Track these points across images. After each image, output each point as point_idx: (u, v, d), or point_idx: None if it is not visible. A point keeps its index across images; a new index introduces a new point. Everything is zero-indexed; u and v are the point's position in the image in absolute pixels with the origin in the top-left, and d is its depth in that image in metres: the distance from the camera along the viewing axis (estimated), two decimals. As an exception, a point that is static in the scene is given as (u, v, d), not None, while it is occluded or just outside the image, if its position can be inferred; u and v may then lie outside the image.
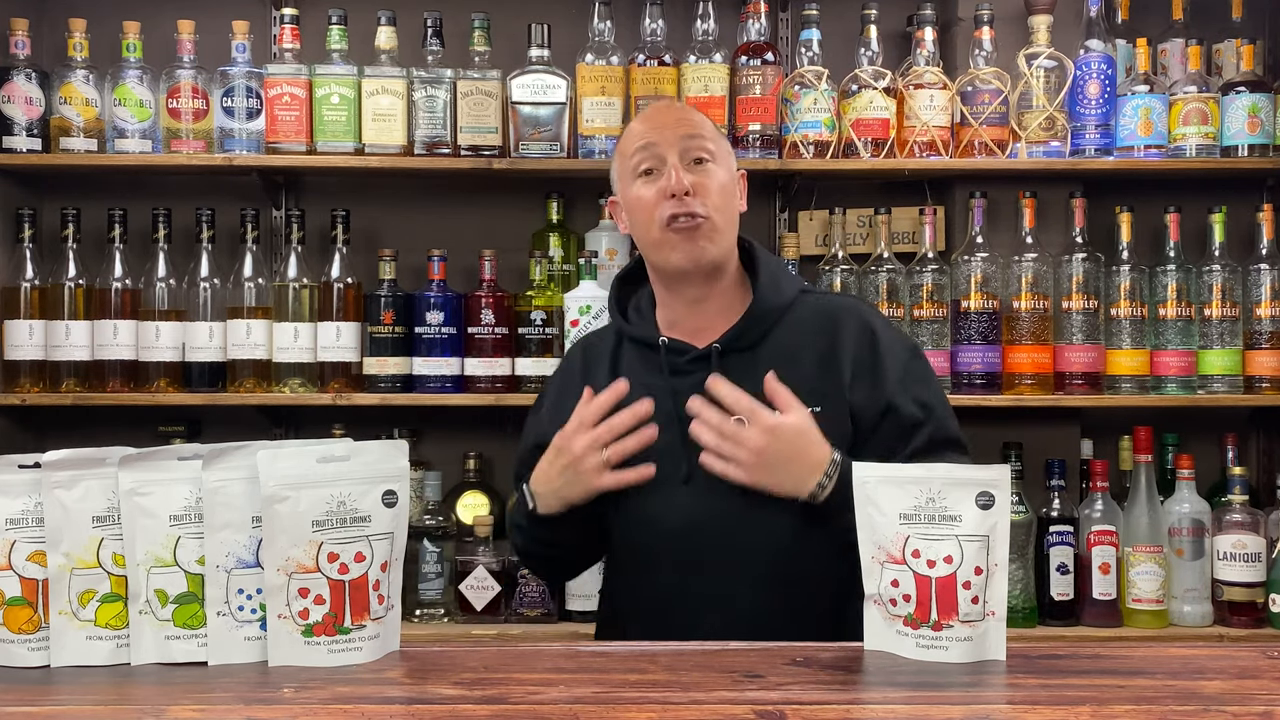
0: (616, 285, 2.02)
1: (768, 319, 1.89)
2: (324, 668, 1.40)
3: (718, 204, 1.85)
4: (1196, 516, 2.85)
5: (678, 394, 1.82)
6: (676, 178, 1.83)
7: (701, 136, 1.88)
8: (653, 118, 1.93)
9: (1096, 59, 2.92)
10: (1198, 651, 1.54)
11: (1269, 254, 2.95)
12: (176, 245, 2.95)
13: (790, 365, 1.84)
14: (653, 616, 1.86)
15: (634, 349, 1.94)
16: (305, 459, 1.42)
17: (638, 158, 1.87)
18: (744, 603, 1.82)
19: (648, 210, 1.85)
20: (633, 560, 1.90)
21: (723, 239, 1.86)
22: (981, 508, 1.43)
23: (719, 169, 1.88)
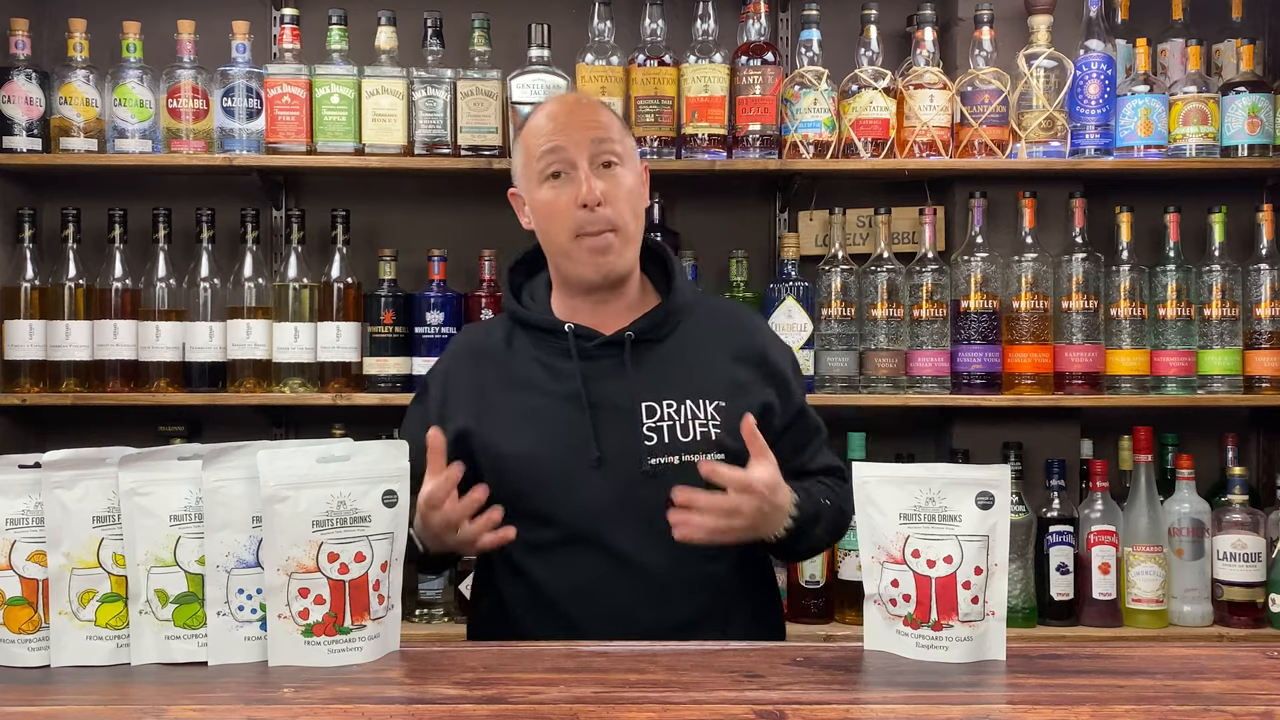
0: (508, 275, 2.02)
1: (680, 313, 1.92)
2: (324, 668, 1.40)
3: (627, 212, 1.85)
4: (1196, 516, 2.85)
5: (586, 378, 1.84)
6: (588, 188, 1.82)
7: (610, 139, 1.86)
8: (560, 117, 1.88)
9: (1096, 59, 2.93)
10: (1198, 651, 1.54)
11: (1269, 254, 2.95)
12: (176, 245, 2.95)
13: (700, 358, 1.89)
14: (558, 603, 1.82)
15: (531, 336, 1.92)
16: (305, 459, 1.42)
17: (545, 160, 1.85)
18: (660, 583, 1.80)
19: (558, 218, 1.85)
20: (539, 549, 1.84)
21: (631, 249, 1.89)
22: (981, 508, 1.43)
23: (627, 172, 1.87)
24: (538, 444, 1.83)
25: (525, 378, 1.89)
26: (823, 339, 2.93)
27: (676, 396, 1.85)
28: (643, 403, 1.84)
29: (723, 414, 1.85)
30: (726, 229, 3.14)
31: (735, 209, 3.18)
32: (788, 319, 2.88)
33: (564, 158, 1.84)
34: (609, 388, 1.85)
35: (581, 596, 1.81)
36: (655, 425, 1.83)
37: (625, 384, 1.85)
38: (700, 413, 1.85)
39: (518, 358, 1.92)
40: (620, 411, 1.84)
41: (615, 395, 1.84)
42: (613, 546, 1.81)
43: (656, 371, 1.86)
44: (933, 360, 2.90)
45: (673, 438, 1.83)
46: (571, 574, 1.82)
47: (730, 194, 3.17)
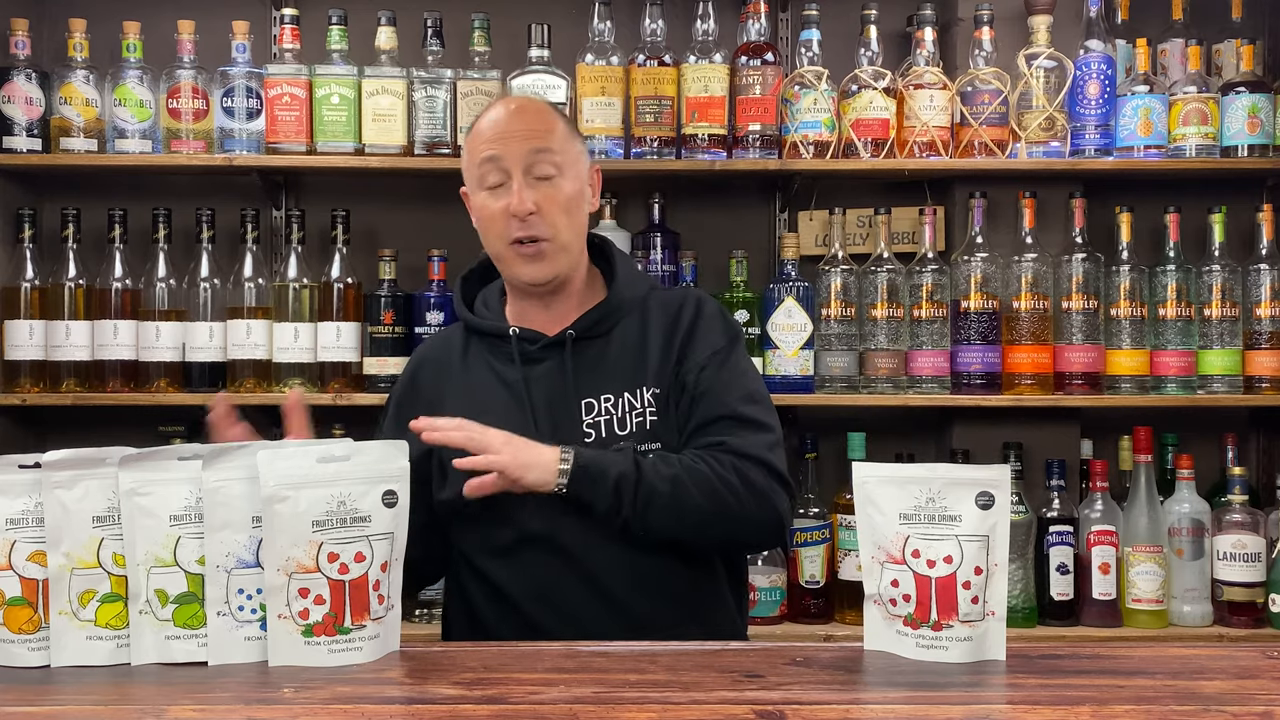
0: (460, 285, 2.05)
1: (620, 311, 1.93)
2: (324, 668, 1.40)
3: (561, 223, 1.86)
4: (1196, 516, 2.85)
5: (529, 381, 1.87)
6: (518, 200, 1.84)
7: (548, 149, 1.86)
8: (500, 124, 1.89)
9: (1096, 59, 2.92)
10: (1198, 651, 1.54)
11: (1269, 254, 2.95)
12: (176, 245, 2.95)
13: (638, 354, 1.89)
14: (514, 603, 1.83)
15: (483, 343, 1.95)
16: (305, 459, 1.42)
17: (483, 168, 1.87)
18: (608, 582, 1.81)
19: (493, 225, 1.88)
20: (497, 553, 1.85)
21: (566, 256, 1.89)
22: (981, 508, 1.43)
23: (565, 181, 1.87)
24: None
25: (477, 384, 1.92)
26: (823, 339, 2.92)
27: (614, 390, 1.86)
28: (582, 400, 1.86)
29: (658, 400, 1.86)
30: (726, 229, 3.14)
31: (735, 209, 3.18)
32: (788, 319, 2.88)
33: (500, 166, 1.86)
34: (550, 387, 1.88)
35: (538, 598, 1.83)
36: (594, 421, 1.85)
37: (565, 383, 1.87)
38: (637, 402, 1.86)
39: (471, 365, 1.95)
40: (561, 410, 1.86)
41: (556, 395, 1.87)
42: (563, 546, 1.82)
43: (596, 367, 1.88)
44: (933, 360, 2.90)
45: (610, 432, 1.84)
46: (527, 575, 1.84)
47: (730, 194, 3.17)
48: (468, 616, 1.92)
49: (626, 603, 1.82)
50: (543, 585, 1.83)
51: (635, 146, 2.89)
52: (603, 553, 1.81)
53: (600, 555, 1.81)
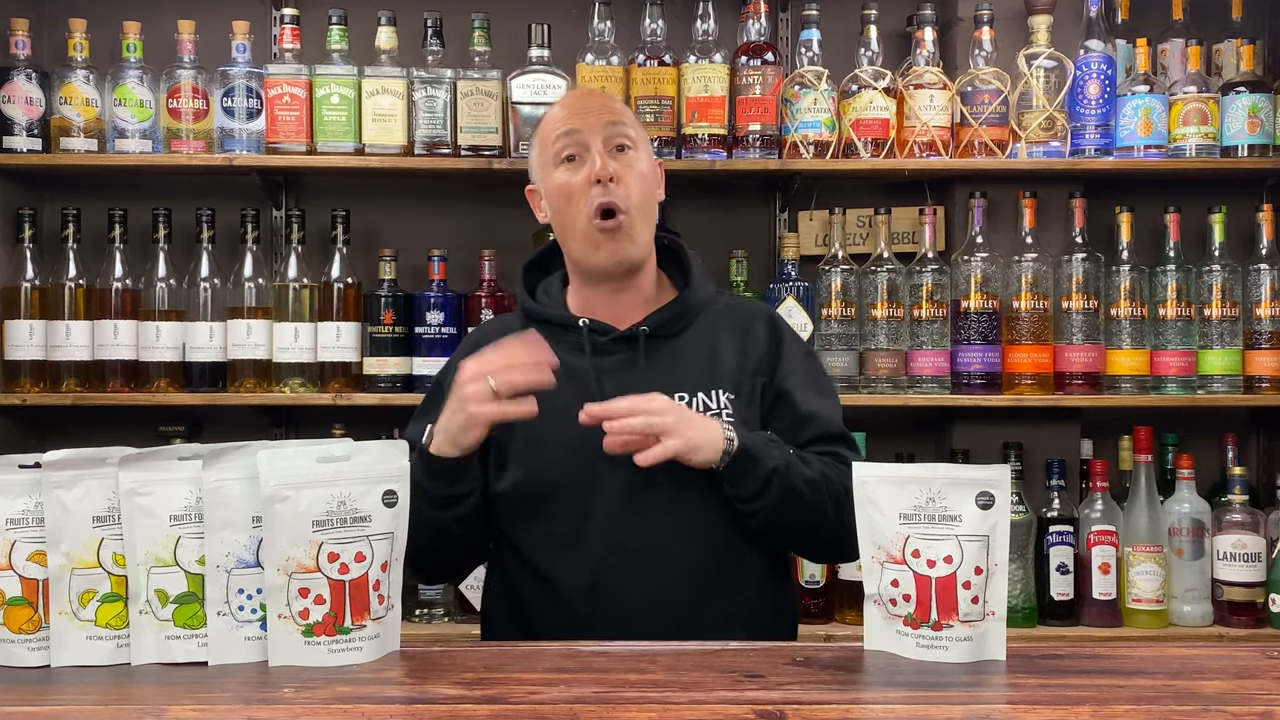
0: (522, 273, 2.02)
1: (693, 311, 1.92)
2: (324, 668, 1.40)
3: (638, 196, 1.85)
4: (1196, 516, 2.85)
5: (601, 373, 1.85)
6: (601, 163, 1.82)
7: (623, 124, 1.88)
8: (575, 104, 1.91)
9: (1096, 59, 2.93)
10: (1198, 651, 1.54)
11: (1269, 254, 2.95)
12: (176, 245, 2.95)
13: (711, 355, 1.89)
14: (567, 598, 1.81)
15: (545, 332, 1.88)
16: (305, 459, 1.42)
17: (560, 144, 1.86)
18: (670, 576, 1.80)
19: (572, 198, 1.85)
20: (553, 545, 1.83)
21: (643, 235, 1.88)
22: (981, 508, 1.43)
23: (640, 156, 1.88)
24: (551, 440, 1.82)
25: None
26: (823, 339, 2.92)
27: (688, 389, 1.85)
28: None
29: (734, 405, 1.85)
30: (726, 229, 3.14)
31: (735, 209, 3.18)
32: (788, 319, 2.87)
33: (578, 140, 1.85)
34: (622, 382, 1.84)
35: (594, 592, 1.81)
36: None
37: (638, 378, 1.84)
38: (713, 403, 1.85)
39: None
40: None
41: (628, 389, 1.82)
42: (624, 540, 1.80)
43: (670, 365, 1.86)
44: (933, 360, 2.90)
45: None
46: (584, 569, 1.81)
47: (730, 194, 3.17)
48: (513, 608, 1.89)
49: (690, 596, 1.80)
50: (599, 579, 1.80)
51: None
52: (668, 547, 1.80)
53: (665, 550, 1.80)
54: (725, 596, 1.84)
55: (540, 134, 1.92)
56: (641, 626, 1.70)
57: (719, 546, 1.82)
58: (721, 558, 1.83)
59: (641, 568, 1.80)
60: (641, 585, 1.80)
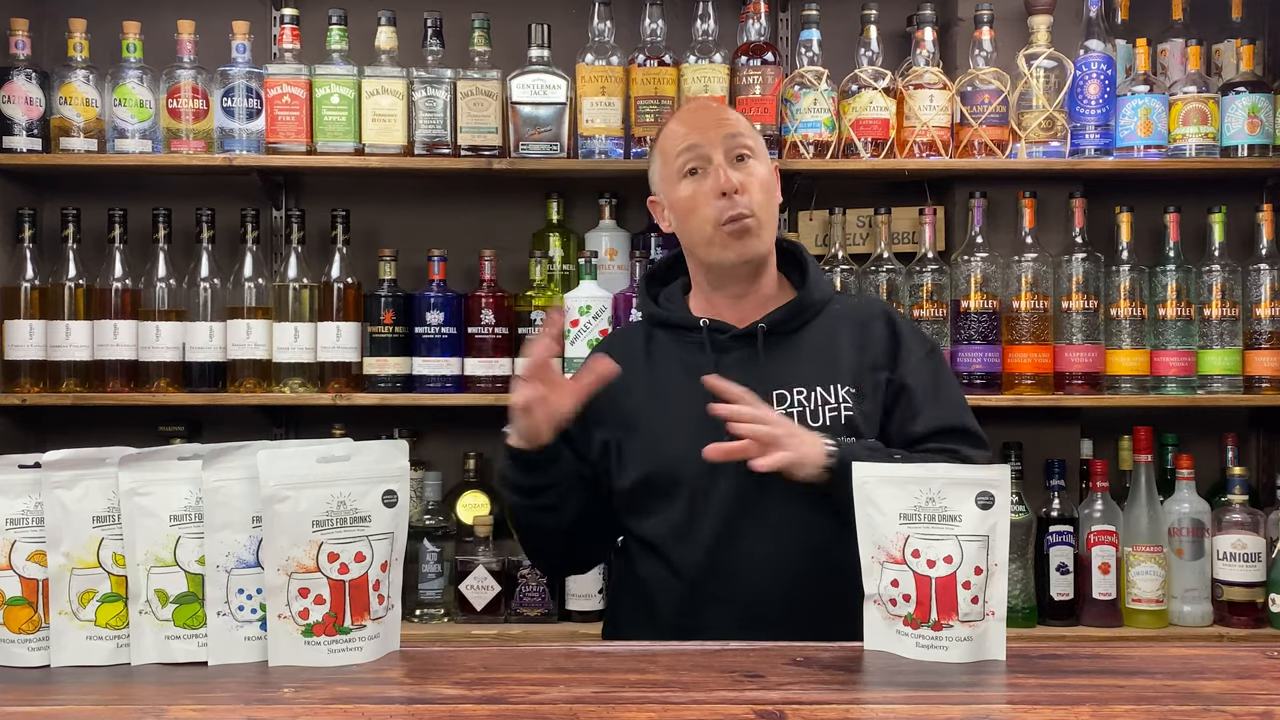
0: (644, 282, 2.09)
1: (812, 309, 1.97)
2: (324, 668, 1.40)
3: (761, 200, 1.92)
4: (1196, 516, 2.85)
5: (721, 369, 1.89)
6: (725, 177, 1.89)
7: (742, 134, 1.94)
8: (693, 118, 1.98)
9: (1096, 59, 2.92)
10: (1198, 651, 1.54)
11: (1269, 254, 2.95)
12: (176, 245, 2.95)
13: (829, 351, 1.93)
14: (697, 597, 1.87)
15: (669, 335, 1.99)
16: (305, 459, 1.42)
17: (683, 159, 1.93)
18: (785, 571, 1.85)
19: (698, 210, 1.92)
20: (675, 545, 1.89)
21: (767, 234, 1.95)
22: (981, 508, 1.43)
23: (760, 165, 1.95)
24: (673, 436, 1.88)
25: (662, 373, 1.95)
26: (823, 339, 2.92)
27: (807, 384, 1.90)
28: (774, 391, 1.89)
29: (854, 398, 1.90)
30: (726, 229, 3.13)
31: (735, 209, 3.18)
32: (788, 319, 2.88)
33: (700, 154, 1.92)
34: (742, 378, 1.88)
35: (705, 582, 1.86)
36: (786, 412, 1.88)
37: (757, 374, 1.89)
38: (831, 397, 1.90)
39: (656, 357, 1.98)
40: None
41: (748, 383, 1.87)
42: (741, 538, 1.86)
43: (789, 361, 1.92)
44: (933, 360, 2.89)
45: (802, 422, 1.87)
46: (700, 561, 1.87)
47: (730, 194, 3.16)
48: (637, 596, 1.96)
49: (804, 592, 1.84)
50: (722, 572, 1.86)
51: (635, 146, 2.89)
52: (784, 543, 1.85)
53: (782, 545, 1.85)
54: (828, 595, 1.84)
55: (661, 149, 1.99)
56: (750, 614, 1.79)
57: (831, 543, 1.83)
58: (834, 554, 1.82)
59: (760, 560, 1.85)
60: (760, 578, 1.85)
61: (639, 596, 1.96)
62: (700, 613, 1.87)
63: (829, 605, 1.81)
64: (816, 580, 1.85)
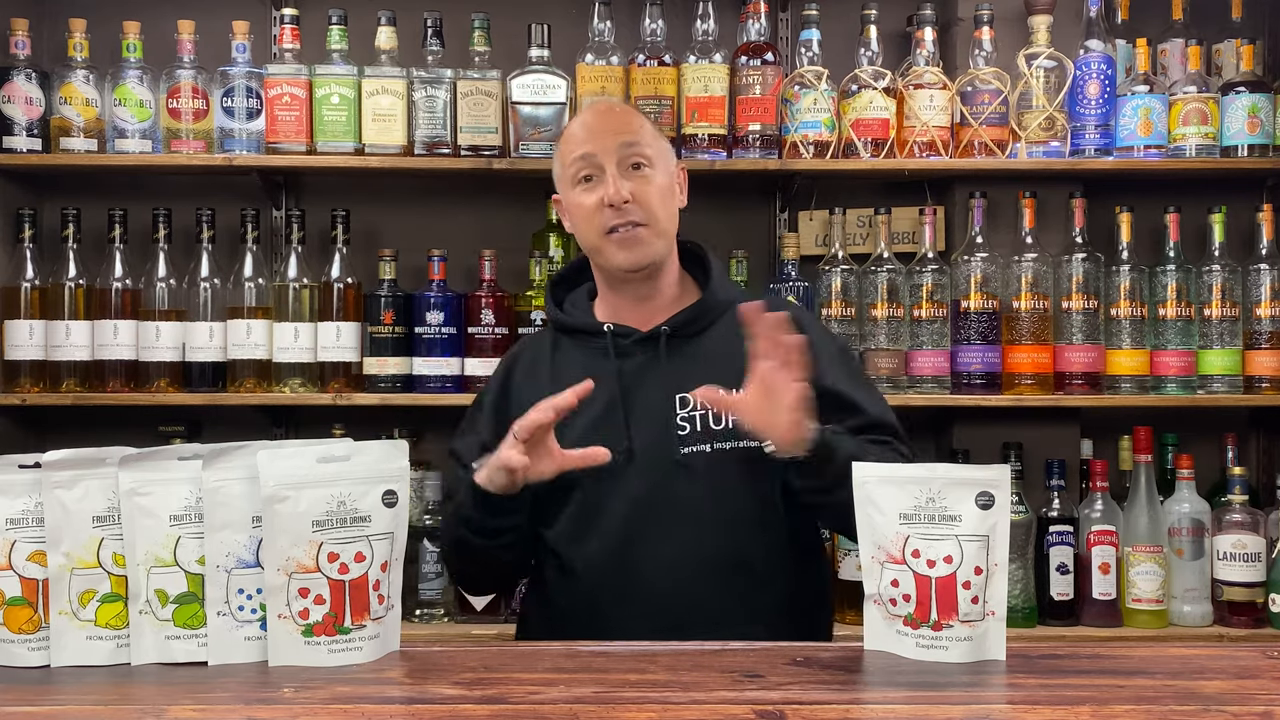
0: (550, 288, 2.09)
1: (715, 311, 1.96)
2: (324, 668, 1.40)
3: (655, 209, 1.91)
4: (1196, 516, 2.85)
5: (622, 374, 1.90)
6: (614, 189, 1.89)
7: (639, 143, 1.93)
8: (591, 124, 1.97)
9: (1096, 59, 2.92)
10: (1198, 651, 1.54)
11: (1269, 254, 2.95)
12: (176, 245, 2.95)
13: (736, 350, 1.89)
14: (592, 596, 1.86)
15: (573, 342, 1.99)
16: (305, 459, 1.42)
17: (576, 166, 1.93)
18: (693, 574, 1.83)
19: (589, 217, 1.92)
20: (581, 544, 1.88)
21: (660, 241, 1.93)
22: (981, 508, 1.43)
23: (656, 173, 1.93)
24: (577, 443, 1.85)
25: (568, 380, 1.91)
26: (823, 339, 2.92)
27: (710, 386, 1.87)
28: (676, 394, 1.88)
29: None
30: (726, 229, 3.14)
31: (735, 209, 3.18)
32: (788, 319, 2.88)
33: (593, 163, 1.92)
34: (644, 382, 1.90)
35: (615, 586, 1.85)
36: (688, 415, 1.88)
37: (659, 377, 1.90)
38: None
39: (562, 363, 1.97)
40: (654, 404, 1.89)
41: (650, 389, 1.89)
42: (645, 537, 1.84)
43: (691, 364, 1.91)
44: (933, 360, 2.90)
45: (705, 426, 1.87)
46: (606, 566, 1.86)
47: (730, 194, 3.17)
48: (544, 611, 1.95)
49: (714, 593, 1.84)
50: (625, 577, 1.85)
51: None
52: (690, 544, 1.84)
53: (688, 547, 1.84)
54: (734, 594, 1.86)
55: (560, 152, 1.99)
56: (668, 623, 1.75)
57: (741, 544, 1.86)
58: (743, 556, 1.86)
59: (664, 563, 1.84)
60: (665, 581, 1.83)
61: (545, 599, 1.95)
62: (605, 614, 1.84)
63: (736, 604, 1.84)
64: (720, 579, 1.84)
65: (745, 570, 1.86)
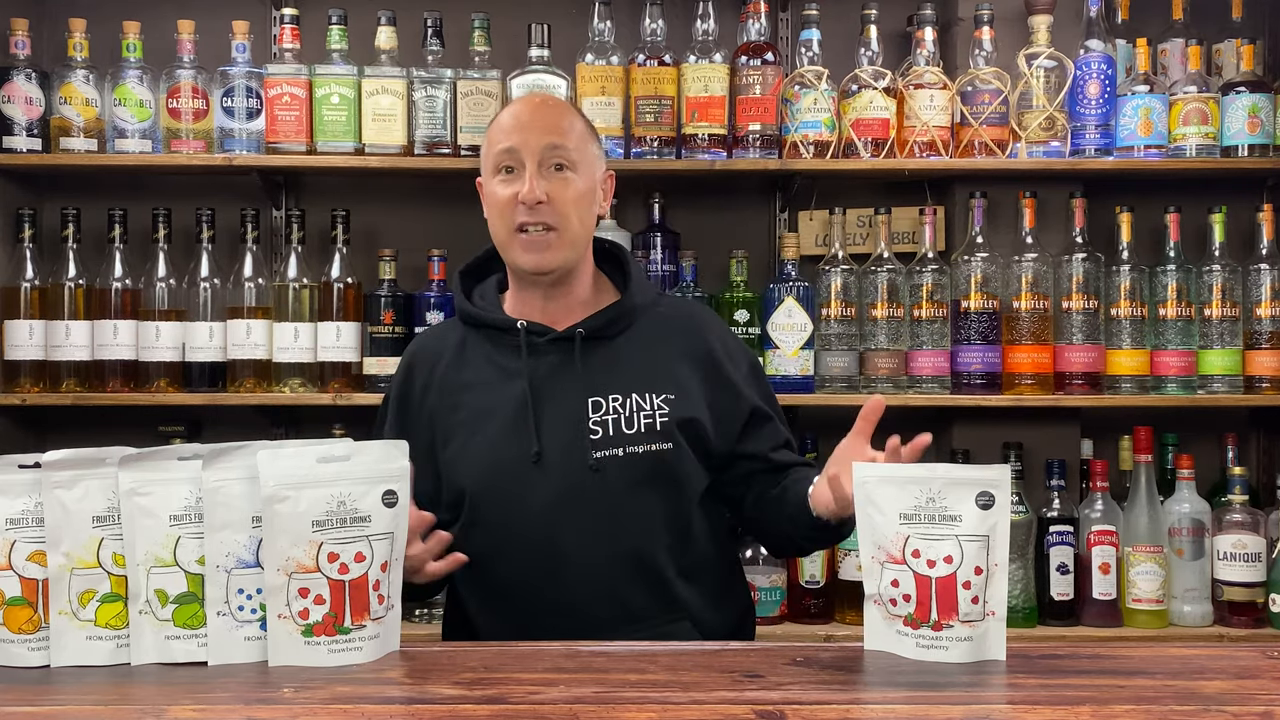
0: (460, 278, 2.06)
1: (632, 315, 1.95)
2: (324, 668, 1.40)
3: (569, 214, 1.88)
4: (1196, 516, 2.85)
5: (534, 374, 1.88)
6: (530, 188, 1.86)
7: (564, 146, 1.89)
8: (521, 117, 1.93)
9: (1096, 59, 2.92)
10: (1198, 651, 1.54)
11: (1269, 254, 2.95)
12: (176, 245, 2.95)
13: (650, 354, 1.92)
14: (509, 601, 1.85)
15: (482, 336, 1.95)
16: (305, 459, 1.42)
17: (499, 157, 1.90)
18: (605, 576, 1.83)
19: (502, 211, 1.90)
20: (486, 548, 1.86)
21: (571, 247, 1.91)
22: (981, 508, 1.43)
23: (578, 178, 1.90)
24: (486, 443, 1.86)
25: (476, 378, 1.92)
26: (823, 339, 2.92)
27: (623, 390, 1.88)
28: (589, 398, 1.87)
29: (671, 405, 1.88)
30: (726, 229, 3.14)
31: (735, 209, 3.18)
32: (788, 319, 2.88)
33: (516, 157, 1.89)
34: (557, 383, 1.88)
35: (531, 591, 1.84)
36: (601, 419, 1.86)
37: (573, 380, 1.88)
38: (646, 404, 1.88)
39: (470, 358, 1.95)
40: (566, 407, 1.87)
41: (562, 391, 1.87)
42: (559, 540, 1.83)
43: (605, 367, 1.90)
44: (933, 360, 2.90)
45: (617, 430, 1.86)
46: (522, 569, 1.85)
47: (730, 194, 3.17)
48: (461, 613, 1.94)
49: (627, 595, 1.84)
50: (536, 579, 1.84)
51: (635, 146, 2.89)
52: (602, 548, 1.83)
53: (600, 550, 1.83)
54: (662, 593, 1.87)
55: (487, 136, 1.95)
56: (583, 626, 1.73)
57: (655, 545, 1.86)
58: (656, 557, 1.87)
59: (575, 566, 1.83)
60: (577, 584, 1.83)
61: (463, 609, 1.93)
62: (526, 617, 1.84)
63: (655, 603, 1.85)
64: (637, 579, 1.85)
65: (660, 570, 1.86)
